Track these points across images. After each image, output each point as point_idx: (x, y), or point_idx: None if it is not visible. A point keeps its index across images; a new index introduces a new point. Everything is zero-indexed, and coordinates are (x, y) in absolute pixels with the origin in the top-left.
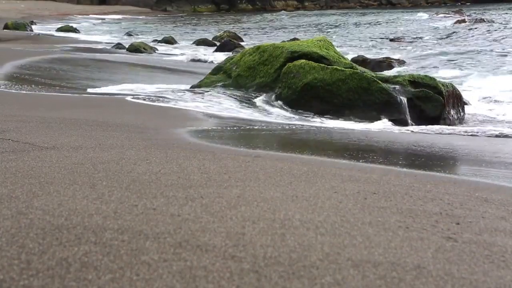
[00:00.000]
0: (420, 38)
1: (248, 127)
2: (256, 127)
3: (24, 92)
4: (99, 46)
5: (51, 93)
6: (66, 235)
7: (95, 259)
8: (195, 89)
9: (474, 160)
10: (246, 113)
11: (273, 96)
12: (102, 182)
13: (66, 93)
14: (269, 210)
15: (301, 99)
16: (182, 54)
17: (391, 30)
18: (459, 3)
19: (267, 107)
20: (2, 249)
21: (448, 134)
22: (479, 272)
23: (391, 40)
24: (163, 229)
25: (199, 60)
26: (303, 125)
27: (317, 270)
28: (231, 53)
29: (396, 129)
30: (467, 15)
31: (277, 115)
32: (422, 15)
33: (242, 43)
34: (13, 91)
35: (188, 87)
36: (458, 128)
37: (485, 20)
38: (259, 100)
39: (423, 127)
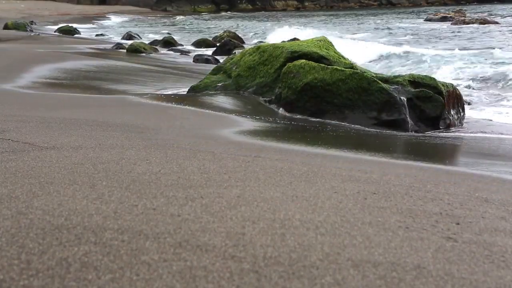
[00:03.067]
0: (420, 38)
1: (249, 127)
2: (254, 127)
3: (24, 91)
4: (100, 46)
5: (51, 93)
6: (66, 235)
7: (95, 259)
8: (195, 89)
9: None
10: (246, 112)
11: (273, 96)
12: (102, 182)
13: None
14: (269, 210)
15: (301, 99)
16: (181, 54)
17: (390, 30)
18: (460, 3)
19: (265, 105)
20: (2, 249)
21: None
22: (479, 272)
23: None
24: (163, 229)
25: (198, 60)
26: (305, 124)
27: (317, 270)
28: (231, 53)
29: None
30: (468, 16)
31: (276, 114)
32: (422, 15)
33: (242, 43)
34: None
35: (187, 87)
36: None
37: (488, 20)
38: (258, 100)
39: None
